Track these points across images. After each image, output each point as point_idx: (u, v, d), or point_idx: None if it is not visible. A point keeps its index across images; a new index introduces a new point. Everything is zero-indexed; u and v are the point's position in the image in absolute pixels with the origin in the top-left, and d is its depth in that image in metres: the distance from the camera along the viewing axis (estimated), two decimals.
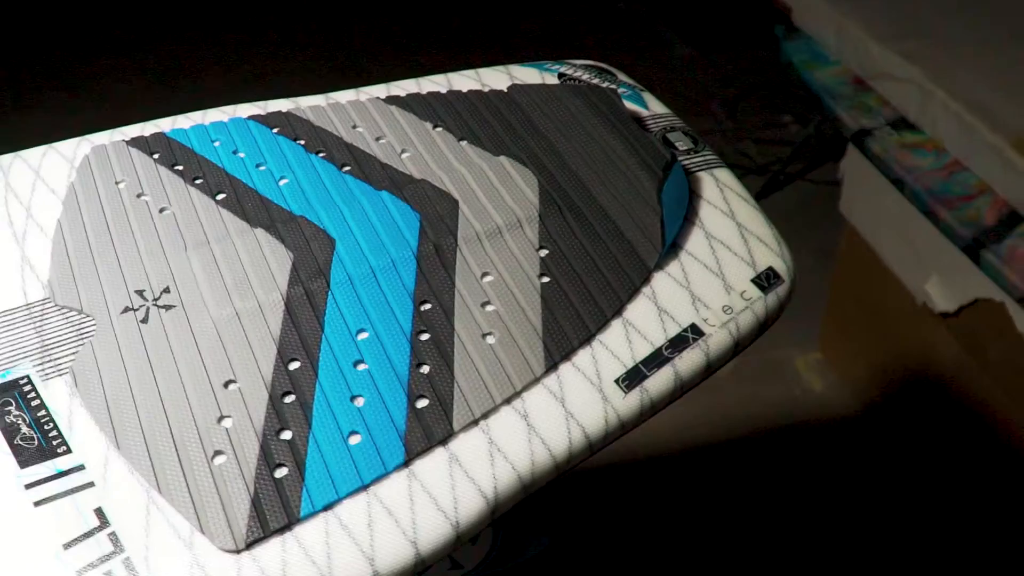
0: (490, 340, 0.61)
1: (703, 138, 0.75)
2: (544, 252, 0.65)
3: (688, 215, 0.68)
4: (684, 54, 2.35)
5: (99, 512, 0.54)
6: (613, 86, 0.78)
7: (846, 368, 1.70)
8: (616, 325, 0.62)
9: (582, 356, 0.61)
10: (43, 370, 0.60)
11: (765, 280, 0.65)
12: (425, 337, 0.61)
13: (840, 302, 1.67)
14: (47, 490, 0.54)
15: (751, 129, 2.13)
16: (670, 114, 0.76)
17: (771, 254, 0.67)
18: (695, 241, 0.67)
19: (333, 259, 0.64)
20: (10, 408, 0.58)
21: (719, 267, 0.66)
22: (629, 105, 0.77)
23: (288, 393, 0.58)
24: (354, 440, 0.56)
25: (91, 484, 0.55)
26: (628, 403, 0.60)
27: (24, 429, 0.57)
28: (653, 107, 0.77)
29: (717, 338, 0.63)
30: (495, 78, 0.80)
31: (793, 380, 1.72)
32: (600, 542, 1.46)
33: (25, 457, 0.56)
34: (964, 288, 1.30)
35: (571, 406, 0.59)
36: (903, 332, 1.49)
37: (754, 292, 0.65)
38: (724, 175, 0.72)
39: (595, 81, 0.79)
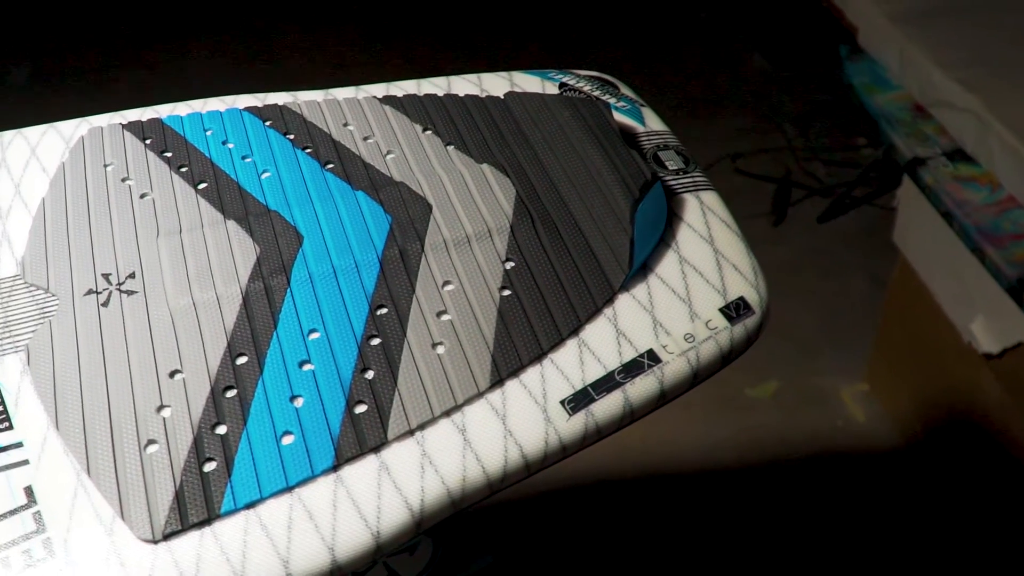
0: (440, 350, 0.60)
1: (694, 158, 0.73)
2: (510, 264, 0.64)
3: (665, 237, 0.66)
4: (761, 68, 2.30)
5: (28, 491, 0.55)
6: (611, 99, 0.77)
7: (891, 401, 1.64)
8: (571, 345, 0.61)
9: (531, 374, 0.60)
10: (1, 346, 0.61)
11: (734, 310, 0.63)
12: (375, 342, 0.60)
13: (889, 334, 1.62)
14: None
15: (822, 149, 2.08)
16: (667, 132, 0.75)
17: (745, 284, 0.65)
18: (667, 264, 0.65)
19: (297, 257, 0.64)
20: None
21: (687, 293, 0.64)
22: (624, 120, 0.75)
23: (230, 388, 0.58)
24: (287, 440, 0.56)
25: (26, 462, 0.56)
26: (571, 425, 0.58)
27: None
28: (651, 123, 0.75)
29: (674, 366, 0.61)
30: (496, 84, 0.79)
31: (836, 409, 1.67)
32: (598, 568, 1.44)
33: None
34: (1009, 330, 1.25)
35: (512, 424, 0.58)
36: (949, 369, 1.44)
37: (720, 322, 0.63)
38: (711, 198, 0.69)
39: (596, 93, 0.78)
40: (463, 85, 0.79)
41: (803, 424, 1.65)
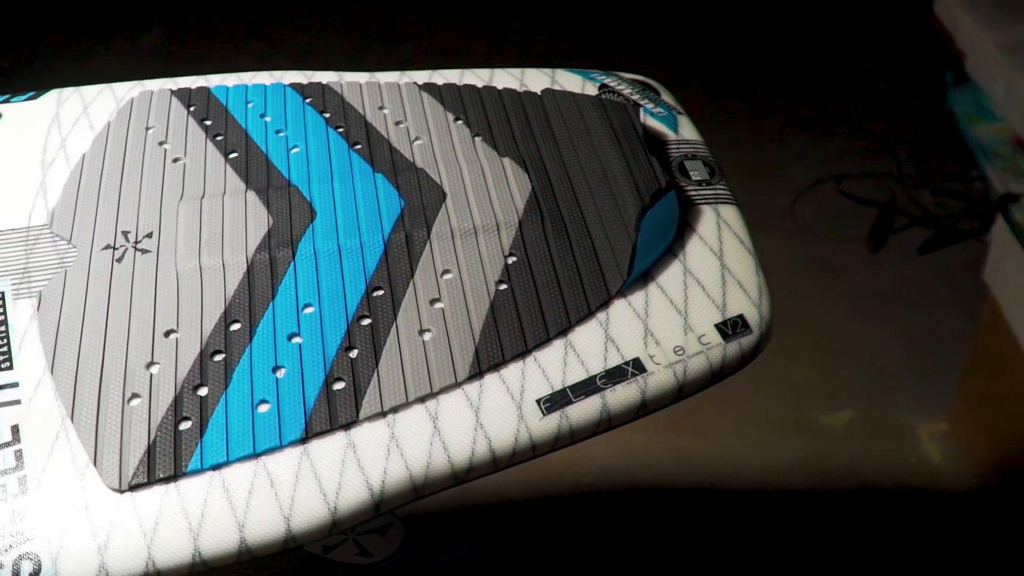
0: (426, 337, 0.61)
1: (722, 171, 0.71)
2: (512, 259, 0.64)
3: (673, 246, 0.65)
4: (881, 90, 2.23)
5: (15, 429, 0.57)
6: (649, 104, 0.76)
7: (970, 444, 1.58)
8: (557, 345, 0.61)
9: (512, 370, 0.60)
10: (17, 289, 0.64)
11: (730, 327, 0.62)
12: (365, 323, 0.61)
13: (974, 374, 1.56)
14: None
15: (933, 177, 2.01)
16: (699, 142, 0.73)
17: (747, 302, 0.63)
18: (670, 274, 0.64)
19: (306, 232, 0.66)
20: None
21: (685, 305, 0.63)
22: (656, 126, 0.74)
23: (218, 352, 0.60)
24: (262, 408, 0.57)
25: (17, 402, 0.58)
26: (544, 425, 0.58)
27: None
28: (684, 132, 0.74)
29: (659, 378, 0.60)
30: (537, 79, 0.79)
31: (911, 446, 1.61)
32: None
33: None
34: None
35: (484, 417, 0.58)
36: None
37: (714, 337, 0.61)
38: (729, 212, 0.68)
39: (635, 97, 0.77)
40: (504, 78, 0.79)
41: (874, 457, 1.60)
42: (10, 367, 0.60)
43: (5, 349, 0.61)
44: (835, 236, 1.92)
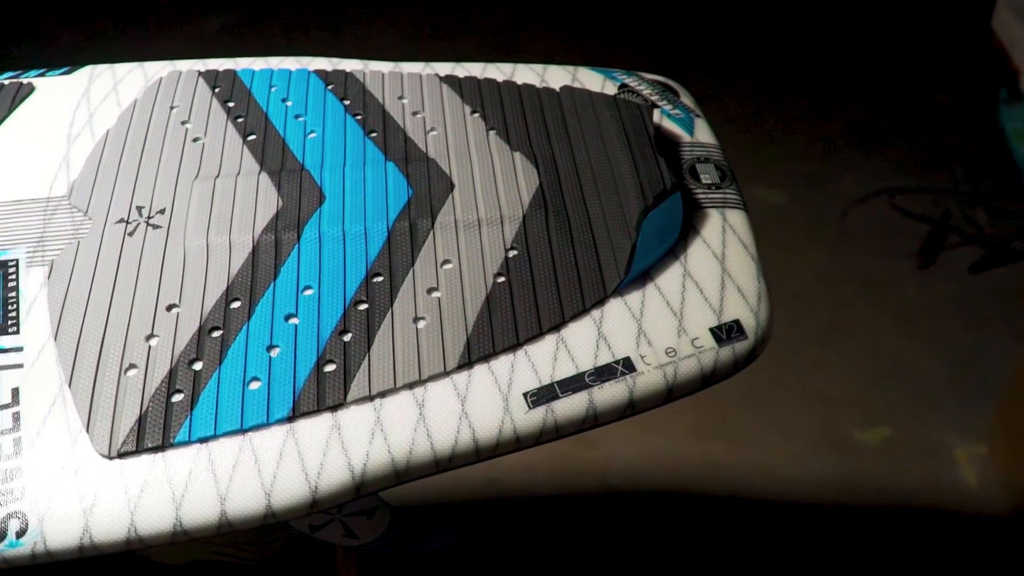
0: (420, 325, 0.61)
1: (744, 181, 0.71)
2: (512, 253, 0.65)
3: (675, 248, 0.65)
4: (942, 105, 2.19)
5: (15, 392, 0.59)
6: (667, 104, 0.76)
7: (1008, 469, 1.55)
8: (549, 340, 0.61)
9: (502, 362, 0.60)
10: (32, 257, 0.66)
11: (725, 332, 0.62)
12: (362, 307, 0.62)
13: (1018, 398, 1.52)
14: None
15: (990, 196, 1.97)
16: (713, 145, 0.73)
17: (744, 308, 0.63)
18: (669, 275, 0.64)
19: (313, 216, 0.67)
20: None
21: (681, 307, 0.62)
22: (672, 127, 0.74)
23: (216, 328, 0.61)
24: (253, 386, 0.58)
25: (20, 366, 0.60)
26: (529, 418, 0.58)
27: None
28: (700, 135, 0.74)
29: (648, 378, 0.60)
30: (558, 76, 0.79)
31: (947, 468, 1.58)
32: None
33: None
34: None
35: (470, 407, 0.58)
36: None
37: (707, 341, 0.61)
38: (736, 217, 0.68)
39: (654, 97, 0.77)
40: (526, 74, 0.79)
41: (908, 477, 1.57)
42: (17, 331, 0.62)
43: (14, 314, 0.63)
44: (884, 250, 1.88)
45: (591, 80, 0.78)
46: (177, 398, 0.58)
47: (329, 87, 0.77)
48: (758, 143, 2.11)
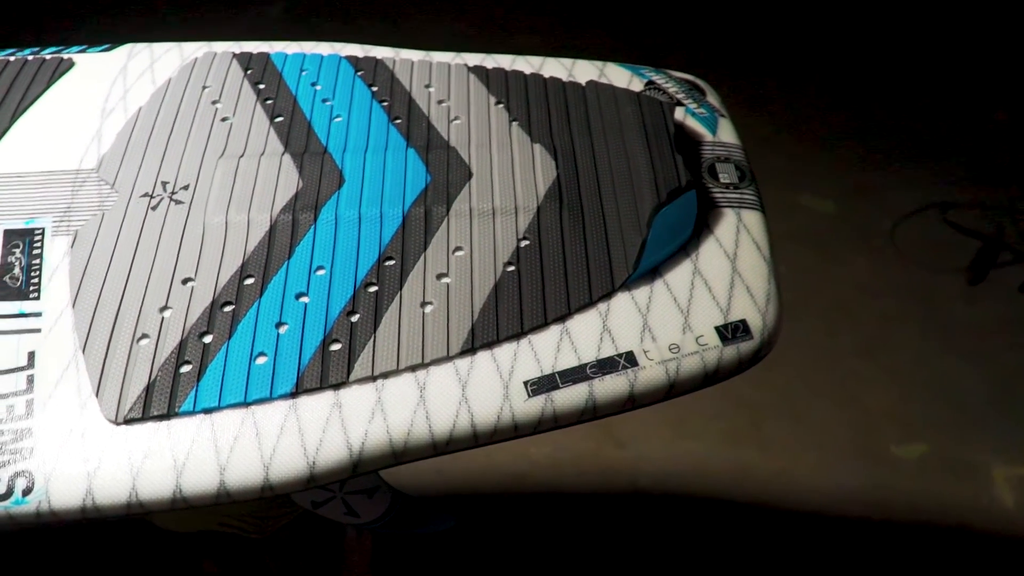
0: (427, 309, 0.62)
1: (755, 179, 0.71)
2: (525, 243, 0.65)
3: (687, 246, 0.65)
4: (1002, 121, 2.15)
5: (31, 355, 0.61)
6: (692, 103, 0.76)
7: None
8: (554, 330, 0.61)
9: (505, 349, 0.60)
10: (57, 227, 0.67)
11: (731, 331, 0.61)
12: (372, 290, 0.63)
13: None
14: (2, 324, 0.62)
15: None
16: (735, 145, 0.73)
17: (752, 308, 0.62)
18: (679, 272, 0.64)
19: (331, 198, 0.68)
20: (16, 250, 0.66)
21: (688, 304, 0.62)
22: (695, 126, 0.74)
23: (228, 303, 0.62)
24: (260, 361, 0.59)
25: (38, 330, 0.62)
26: (528, 407, 0.59)
27: (16, 271, 0.65)
28: (723, 135, 0.73)
29: (649, 373, 0.60)
30: (585, 71, 0.79)
31: (984, 488, 1.56)
32: None
33: (4, 293, 0.64)
34: None
35: (470, 392, 0.59)
36: None
37: (712, 339, 0.61)
38: (752, 218, 0.67)
39: (680, 95, 0.76)
40: (554, 67, 0.80)
41: (943, 495, 1.55)
42: (37, 297, 0.64)
43: (36, 280, 0.64)
44: (934, 265, 1.86)
45: (618, 76, 0.79)
46: (185, 369, 0.59)
47: (359, 73, 0.78)
48: (810, 151, 2.09)
